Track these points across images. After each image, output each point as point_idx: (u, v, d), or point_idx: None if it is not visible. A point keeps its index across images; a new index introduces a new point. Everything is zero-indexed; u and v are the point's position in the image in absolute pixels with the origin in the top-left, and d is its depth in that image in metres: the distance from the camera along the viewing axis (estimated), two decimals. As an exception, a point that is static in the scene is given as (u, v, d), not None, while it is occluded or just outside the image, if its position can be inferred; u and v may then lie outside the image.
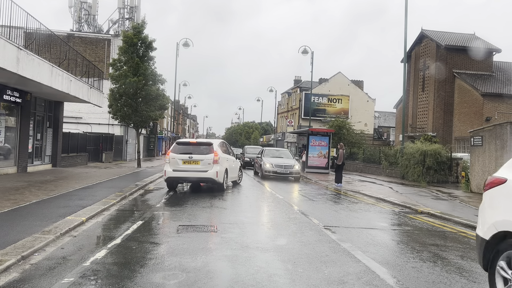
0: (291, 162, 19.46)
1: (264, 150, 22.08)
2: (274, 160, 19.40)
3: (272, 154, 21.05)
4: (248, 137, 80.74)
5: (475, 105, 29.31)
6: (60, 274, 4.59)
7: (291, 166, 18.88)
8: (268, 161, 19.22)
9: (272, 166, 18.75)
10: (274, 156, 20.52)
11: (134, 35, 21.47)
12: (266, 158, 19.77)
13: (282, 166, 18.73)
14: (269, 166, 18.83)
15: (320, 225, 8.06)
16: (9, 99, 14.59)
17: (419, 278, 4.99)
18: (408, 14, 21.19)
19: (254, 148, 33.30)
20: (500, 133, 14.31)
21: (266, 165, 18.94)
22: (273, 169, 18.72)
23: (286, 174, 18.80)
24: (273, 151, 22.25)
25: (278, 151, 22.49)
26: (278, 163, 18.99)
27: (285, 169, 18.67)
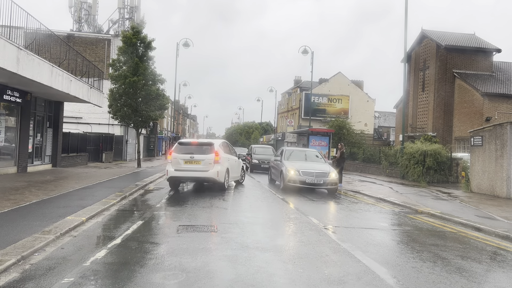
0: (325, 167, 14.00)
1: (285, 150, 16.27)
2: (301, 165, 13.99)
3: (297, 157, 15.62)
4: (248, 137, 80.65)
5: (475, 105, 29.31)
6: (60, 274, 4.60)
7: (326, 173, 13.46)
8: (292, 166, 13.74)
9: (298, 173, 13.33)
10: (300, 160, 15.18)
11: (133, 35, 21.47)
12: (289, 162, 14.37)
13: (313, 173, 13.37)
14: (295, 173, 13.41)
15: (320, 225, 8.06)
16: (9, 99, 14.59)
17: (419, 278, 4.99)
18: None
19: (263, 148, 28.56)
20: (500, 133, 14.31)
21: (290, 172, 13.50)
22: (300, 177, 13.29)
23: (318, 186, 13.41)
24: (297, 152, 16.49)
25: (304, 152, 16.64)
26: (308, 169, 13.58)
27: (317, 178, 13.28)
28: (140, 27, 22.01)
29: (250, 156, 25.74)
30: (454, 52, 31.82)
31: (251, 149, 27.51)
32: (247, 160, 26.68)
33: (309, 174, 13.35)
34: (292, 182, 13.38)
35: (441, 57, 31.96)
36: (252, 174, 21.80)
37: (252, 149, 26.93)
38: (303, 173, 13.33)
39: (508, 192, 13.81)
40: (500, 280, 5.18)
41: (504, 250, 6.80)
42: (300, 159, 15.21)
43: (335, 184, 13.57)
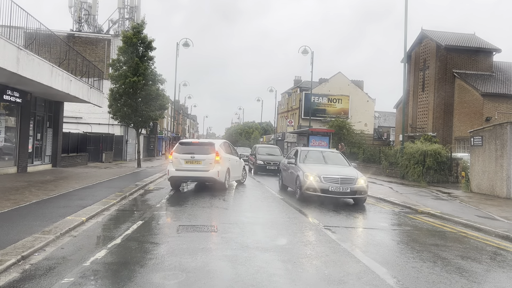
0: (351, 172, 11.57)
1: (300, 151, 13.38)
2: (321, 170, 11.46)
3: (314, 158, 12.97)
4: (248, 137, 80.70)
5: (475, 105, 29.31)
6: (60, 274, 4.60)
7: (352, 180, 11.02)
8: (311, 171, 11.24)
9: (319, 180, 10.89)
10: (318, 162, 12.62)
11: (133, 35, 21.47)
12: (306, 166, 11.87)
13: (337, 179, 10.87)
14: (315, 180, 10.94)
15: (320, 225, 8.06)
16: (9, 99, 14.59)
17: (419, 278, 4.99)
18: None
19: (269, 147, 25.81)
20: (500, 133, 14.31)
21: (308, 177, 11.04)
22: (321, 185, 10.83)
23: (344, 195, 11.00)
24: (314, 153, 13.57)
25: (322, 153, 13.63)
26: (330, 174, 11.07)
27: (342, 186, 10.78)
28: (140, 27, 22.01)
29: (254, 157, 22.88)
30: (454, 52, 31.82)
31: (255, 149, 24.39)
32: (250, 161, 24.59)
33: (332, 180, 10.83)
34: (312, 191, 10.91)
35: (441, 57, 31.96)
36: (257, 177, 20.08)
37: (257, 149, 23.80)
38: (325, 180, 10.82)
39: (508, 192, 13.81)
40: (500, 280, 5.18)
41: (504, 250, 6.80)
42: (318, 162, 12.59)
43: (364, 193, 11.13)
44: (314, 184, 10.90)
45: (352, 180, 11.05)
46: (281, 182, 14.65)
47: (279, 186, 14.83)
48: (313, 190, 10.93)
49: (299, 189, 11.43)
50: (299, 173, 11.61)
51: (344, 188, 10.80)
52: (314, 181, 10.94)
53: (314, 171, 11.27)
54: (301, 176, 11.38)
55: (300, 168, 11.78)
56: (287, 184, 13.70)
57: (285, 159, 14.84)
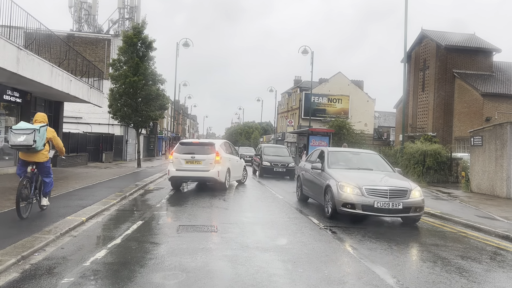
0: (401, 182, 8.84)
1: (328, 153, 10.38)
2: (361, 178, 8.69)
3: (347, 162, 10.14)
4: (248, 137, 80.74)
5: (475, 105, 29.30)
6: (60, 274, 4.60)
7: (404, 192, 8.34)
8: (348, 181, 8.54)
9: (360, 192, 8.18)
10: (353, 167, 9.80)
11: (134, 35, 21.47)
12: (339, 173, 9.14)
13: (385, 192, 8.17)
14: (353, 192, 8.25)
15: (320, 225, 8.07)
16: (9, 99, 14.59)
17: (419, 278, 4.99)
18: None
19: (276, 147, 23.48)
20: (500, 133, 14.31)
21: (345, 189, 8.34)
22: (363, 199, 8.12)
23: (395, 213, 8.29)
24: (346, 156, 10.68)
25: (357, 156, 10.88)
26: (375, 185, 8.36)
27: (393, 201, 8.10)
28: (141, 28, 22.02)
29: (260, 158, 20.72)
30: (454, 52, 31.81)
31: (260, 149, 22.13)
32: (255, 162, 22.58)
33: (378, 193, 8.11)
34: (350, 207, 8.16)
35: (441, 57, 31.96)
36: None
37: (262, 149, 21.48)
38: (369, 192, 8.12)
39: (508, 192, 13.81)
40: (500, 280, 5.18)
41: (504, 250, 6.80)
42: (353, 167, 9.79)
43: (421, 209, 8.46)
44: (353, 198, 8.15)
45: (404, 193, 8.27)
46: (299, 191, 11.76)
47: (297, 196, 12.05)
48: (352, 207, 8.13)
49: (331, 204, 8.64)
50: (330, 182, 8.82)
51: (395, 203, 8.01)
52: (353, 194, 8.19)
53: (351, 180, 8.54)
54: (333, 187, 8.56)
55: (331, 176, 9.00)
56: (309, 195, 10.89)
57: (304, 162, 12.20)
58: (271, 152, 21.21)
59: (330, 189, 8.73)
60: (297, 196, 12.15)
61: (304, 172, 11.39)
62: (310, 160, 11.60)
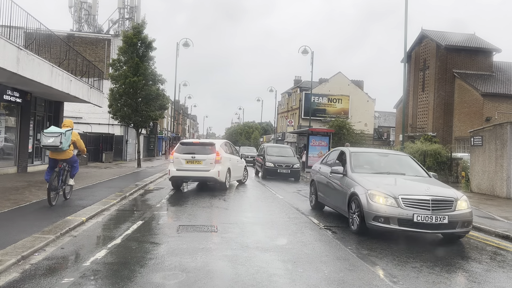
0: (444, 190, 7.43)
1: (350, 155, 8.80)
2: (395, 185, 7.42)
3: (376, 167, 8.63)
4: (248, 137, 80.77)
5: (475, 105, 29.30)
6: (60, 274, 4.60)
7: (450, 202, 6.90)
8: (379, 188, 7.11)
9: (395, 203, 6.75)
10: (384, 173, 8.28)
11: (134, 35, 21.47)
12: (367, 179, 7.69)
13: (428, 203, 6.70)
14: (387, 202, 6.82)
15: (320, 225, 8.07)
16: (9, 99, 14.59)
17: (419, 278, 4.99)
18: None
19: (280, 147, 22.23)
20: (500, 133, 14.31)
21: (376, 198, 6.96)
22: (399, 211, 6.69)
23: (440, 229, 6.79)
24: (376, 159, 9.15)
25: (384, 157, 9.41)
26: (414, 194, 6.89)
27: (437, 214, 6.62)
28: (141, 27, 22.02)
29: (263, 158, 19.75)
30: (454, 52, 31.81)
31: (263, 149, 21.03)
32: (257, 163, 21.51)
33: (418, 204, 6.65)
34: (383, 222, 6.72)
35: (441, 57, 31.96)
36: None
37: (265, 149, 20.46)
38: (406, 203, 6.67)
39: (508, 192, 13.80)
40: (500, 280, 5.18)
41: (504, 250, 6.80)
42: (381, 171, 8.34)
43: (469, 224, 6.97)
44: (387, 210, 6.69)
45: (450, 203, 6.80)
46: (314, 198, 10.21)
47: (310, 204, 10.56)
48: (385, 221, 6.69)
49: (359, 217, 7.18)
50: (356, 189, 7.38)
51: (440, 217, 6.53)
52: (387, 204, 6.74)
53: (383, 187, 7.10)
54: (361, 196, 7.14)
55: (357, 182, 7.59)
56: (327, 203, 9.43)
57: (319, 165, 10.46)
58: (275, 152, 20.16)
59: (356, 198, 7.30)
60: (310, 204, 10.58)
61: (320, 176, 9.80)
62: (327, 163, 9.94)
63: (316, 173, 10.36)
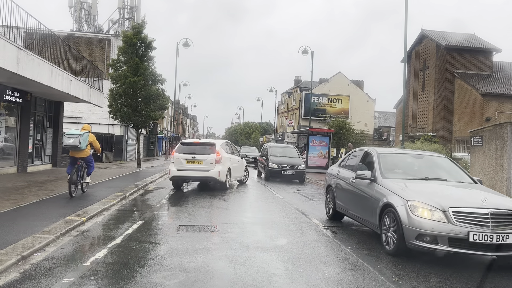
0: (505, 201, 5.96)
1: (377, 156, 7.32)
2: (441, 194, 6.03)
3: (410, 171, 7.23)
4: (248, 137, 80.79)
5: (475, 105, 29.31)
6: (60, 274, 4.60)
7: None
8: (422, 199, 5.72)
9: (445, 217, 5.40)
10: (421, 178, 6.76)
11: (133, 35, 21.47)
12: (403, 186, 6.25)
13: (486, 218, 5.34)
14: (433, 217, 5.45)
15: (320, 225, 8.07)
16: (9, 99, 14.58)
17: (419, 278, 4.99)
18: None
19: (284, 147, 21.33)
20: (500, 133, 14.31)
21: (420, 211, 5.56)
22: (450, 228, 5.32)
23: (503, 251, 5.35)
24: (407, 161, 7.71)
25: (421, 160, 7.76)
26: (468, 206, 5.52)
27: (498, 232, 5.24)
28: (141, 27, 22.02)
29: (265, 159, 18.76)
30: (454, 52, 31.82)
31: (266, 149, 20.01)
32: (260, 164, 20.59)
33: (474, 219, 5.41)
34: (429, 242, 5.47)
35: (441, 57, 31.96)
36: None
37: (268, 149, 19.39)
38: (459, 217, 5.43)
39: (508, 192, 13.80)
40: (500, 280, 5.18)
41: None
42: (417, 176, 6.91)
43: None
44: (434, 226, 5.40)
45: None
46: (331, 206, 8.70)
47: (326, 213, 9.03)
48: (432, 240, 5.42)
49: (395, 234, 5.79)
50: (391, 199, 6.01)
51: (502, 236, 5.25)
52: (433, 219, 5.45)
53: (427, 197, 5.80)
54: (399, 208, 5.76)
55: (391, 190, 6.20)
56: (349, 213, 7.84)
57: (336, 168, 9.02)
58: (278, 152, 19.16)
59: (392, 211, 5.88)
60: (326, 213, 9.04)
61: (339, 182, 8.34)
62: (347, 166, 8.52)
63: (333, 178, 8.76)
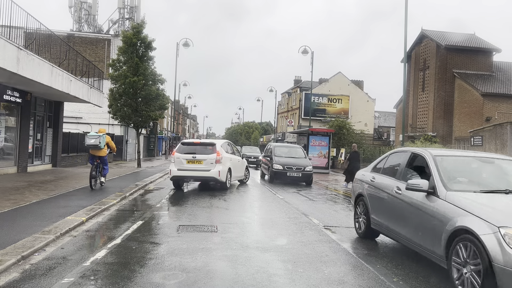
0: None
1: (435, 159, 5.50)
2: None
3: (479, 179, 5.54)
4: (248, 137, 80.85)
5: (475, 105, 29.31)
6: (60, 274, 4.60)
7: None
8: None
9: None
10: (502, 190, 4.91)
11: (133, 35, 21.47)
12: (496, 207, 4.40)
13: None
14: None
15: (320, 225, 8.07)
16: (9, 99, 14.59)
17: (418, 278, 4.99)
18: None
19: (289, 147, 19.63)
20: (500, 133, 14.32)
21: None
22: None
23: None
24: (471, 166, 5.84)
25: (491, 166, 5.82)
26: None
27: None
28: (140, 27, 22.03)
29: (270, 159, 17.47)
30: (454, 52, 31.83)
31: (270, 149, 18.64)
32: (263, 165, 19.25)
33: None
34: None
35: (441, 57, 31.97)
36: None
37: (273, 149, 18.03)
38: None
39: (508, 192, 13.80)
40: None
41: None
42: (493, 187, 5.19)
43: None
44: None
45: None
46: (364, 222, 7.04)
47: (356, 229, 7.37)
48: None
49: (479, 276, 4.06)
50: (469, 223, 4.32)
51: None
52: None
53: None
54: (484, 238, 4.06)
55: (465, 209, 4.52)
56: (394, 235, 6.05)
57: (370, 173, 7.18)
58: (284, 152, 17.88)
59: (472, 240, 4.19)
60: (356, 229, 7.31)
61: (375, 191, 6.68)
62: (386, 170, 6.75)
63: (366, 186, 7.06)
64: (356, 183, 7.76)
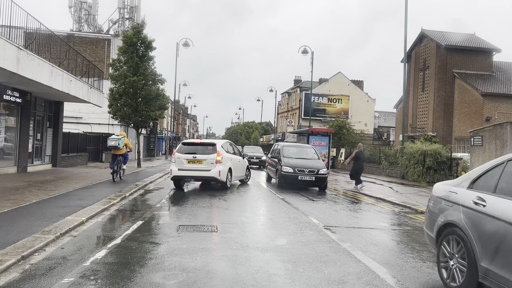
0: None
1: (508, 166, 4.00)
2: None
3: None
4: (248, 137, 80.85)
5: (475, 105, 29.31)
6: (60, 274, 4.60)
7: None
8: None
9: None
10: None
11: (133, 35, 21.48)
12: None
13: None
14: None
15: (320, 225, 8.06)
16: (9, 99, 14.59)
17: (419, 278, 4.99)
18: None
19: (299, 147, 17.35)
20: (500, 133, 14.32)
21: None
22: None
23: None
24: None
25: None
26: None
27: None
28: (141, 27, 22.04)
29: (277, 161, 15.51)
30: (454, 52, 31.84)
31: (278, 149, 16.50)
32: (270, 167, 17.23)
33: None
34: None
35: (441, 57, 31.97)
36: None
37: (281, 149, 15.87)
38: None
39: (508, 192, 13.78)
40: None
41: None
42: None
43: None
44: None
45: None
46: (462, 269, 4.24)
47: (444, 280, 4.56)
48: None
49: None
50: None
51: None
52: None
53: None
54: None
55: None
56: None
57: (463, 190, 4.63)
58: (293, 153, 15.82)
59: None
60: (445, 279, 4.57)
61: (491, 223, 3.89)
62: (488, 187, 4.25)
63: (463, 211, 4.42)
64: (438, 205, 5.04)
